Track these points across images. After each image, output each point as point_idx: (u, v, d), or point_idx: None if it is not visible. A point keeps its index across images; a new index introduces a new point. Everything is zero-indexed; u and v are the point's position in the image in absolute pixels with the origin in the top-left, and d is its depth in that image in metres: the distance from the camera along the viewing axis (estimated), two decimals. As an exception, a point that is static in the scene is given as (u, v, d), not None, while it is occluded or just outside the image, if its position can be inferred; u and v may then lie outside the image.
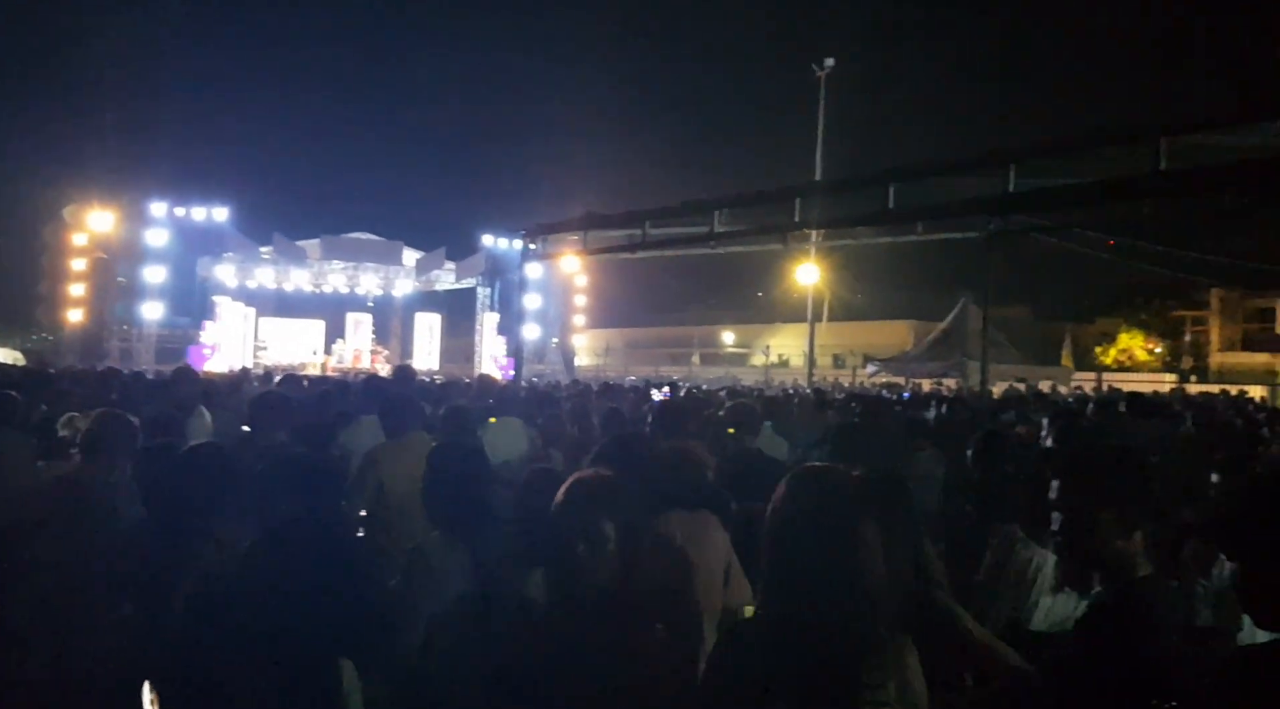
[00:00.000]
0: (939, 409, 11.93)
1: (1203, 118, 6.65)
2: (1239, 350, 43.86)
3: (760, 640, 2.26)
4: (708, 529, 3.54)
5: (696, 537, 3.46)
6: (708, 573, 3.43)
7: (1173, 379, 37.12)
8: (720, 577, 3.49)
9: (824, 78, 33.86)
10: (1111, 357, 49.54)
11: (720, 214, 10.12)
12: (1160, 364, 47.00)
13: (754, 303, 62.32)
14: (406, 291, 40.75)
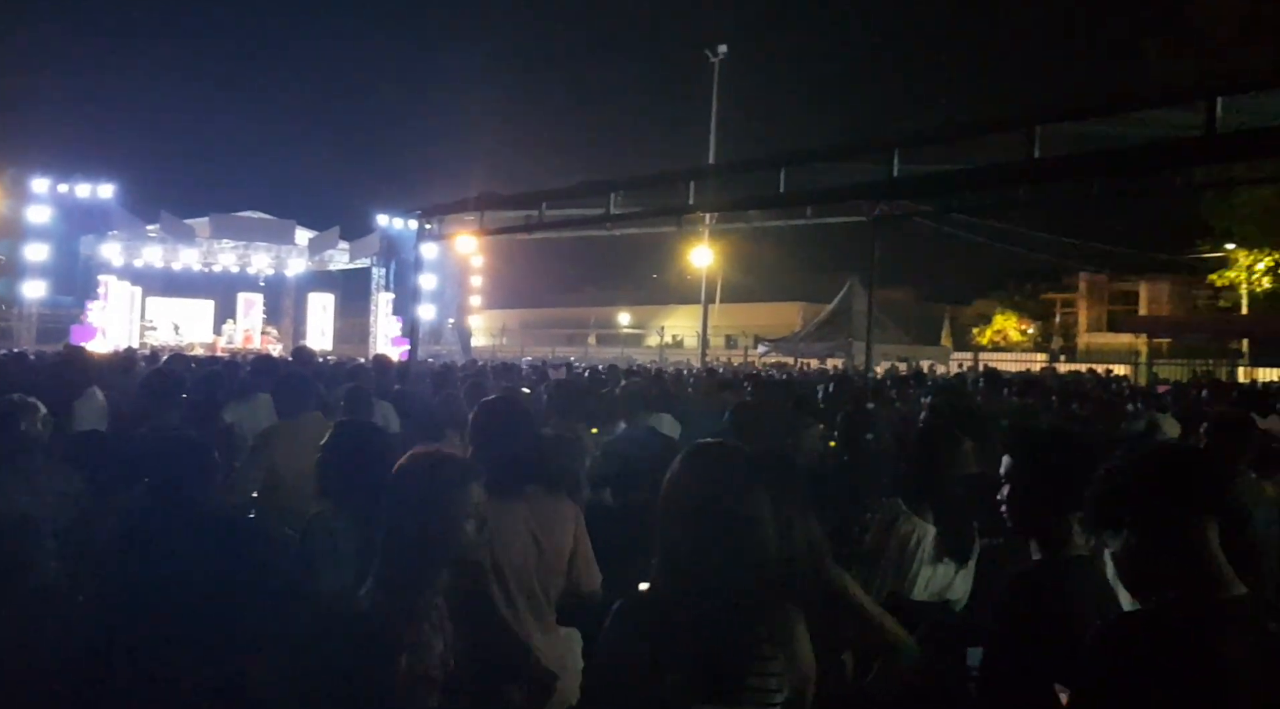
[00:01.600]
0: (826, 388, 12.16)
1: (1075, 106, 6.85)
2: (1104, 331, 45.76)
3: (653, 615, 2.26)
4: (560, 511, 3.52)
5: (547, 517, 3.43)
6: (554, 555, 3.41)
7: (1043, 358, 38.57)
8: (565, 559, 3.47)
9: (718, 64, 34.01)
10: (987, 337, 51.18)
11: (616, 196, 10.06)
12: (1032, 344, 48.74)
13: (649, 284, 62.63)
14: (299, 271, 39.65)
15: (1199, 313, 38.60)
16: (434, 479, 2.57)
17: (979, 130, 7.54)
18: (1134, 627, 1.98)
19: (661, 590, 2.31)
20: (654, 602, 2.30)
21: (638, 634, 2.24)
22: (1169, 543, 1.99)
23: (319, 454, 3.56)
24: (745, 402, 8.01)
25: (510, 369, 14.61)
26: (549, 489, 3.57)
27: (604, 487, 4.76)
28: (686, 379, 15.08)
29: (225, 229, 36.58)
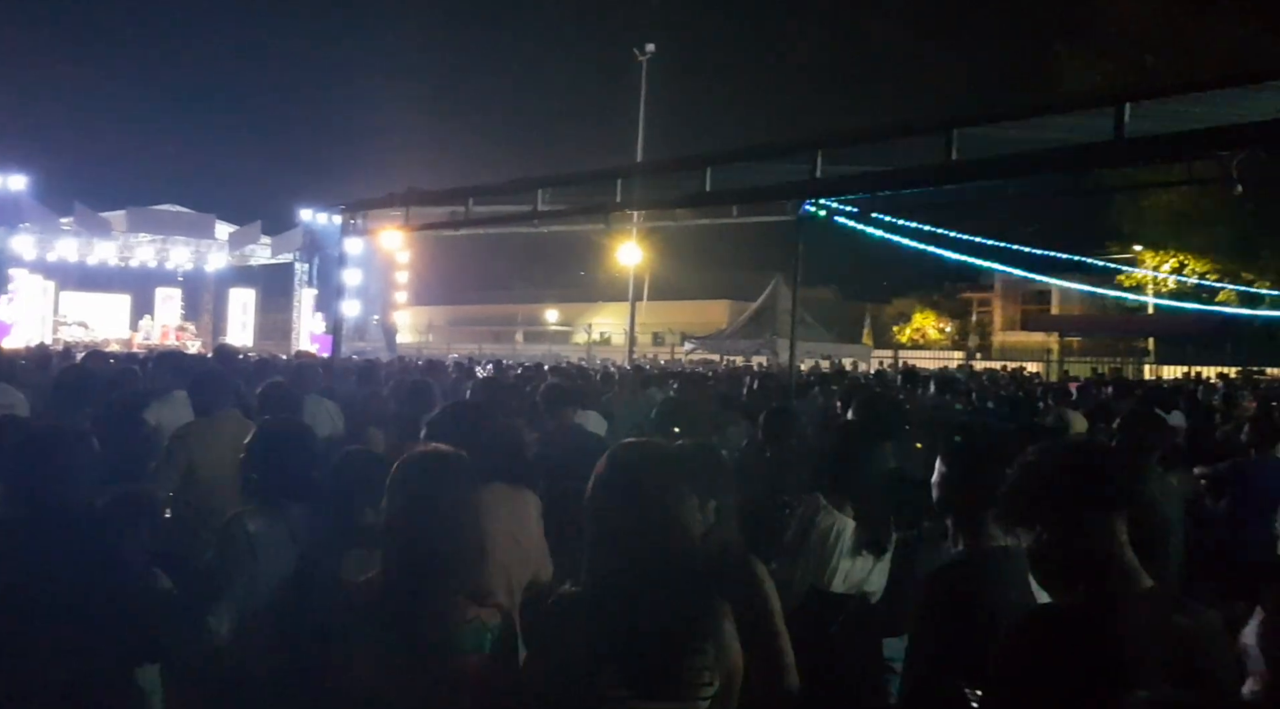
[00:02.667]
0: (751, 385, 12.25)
1: (991, 111, 6.97)
2: (1018, 330, 46.92)
3: (585, 611, 2.26)
4: (527, 505, 3.52)
5: (518, 511, 3.43)
6: (526, 548, 3.40)
7: (961, 356, 39.40)
8: (535, 551, 3.47)
9: (646, 62, 34.06)
10: (907, 335, 52.10)
11: (543, 193, 9.99)
12: (950, 342, 49.74)
13: (577, 281, 62.44)
14: (220, 266, 38.69)
15: (1108, 313, 39.76)
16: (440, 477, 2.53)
17: (899, 133, 7.62)
18: (1044, 621, 2.02)
19: (592, 587, 2.30)
20: (585, 599, 2.29)
21: (571, 632, 2.24)
22: (1080, 538, 2.03)
23: (241, 454, 3.48)
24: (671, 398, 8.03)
25: (436, 366, 14.46)
26: (515, 483, 3.55)
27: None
28: (614, 376, 15.09)
29: (142, 222, 35.55)
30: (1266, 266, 29.93)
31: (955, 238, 17.37)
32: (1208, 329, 31.08)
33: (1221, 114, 6.04)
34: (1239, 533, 6.58)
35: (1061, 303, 44.75)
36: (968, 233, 17.67)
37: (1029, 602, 2.42)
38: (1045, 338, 39.18)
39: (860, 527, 3.64)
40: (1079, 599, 1.99)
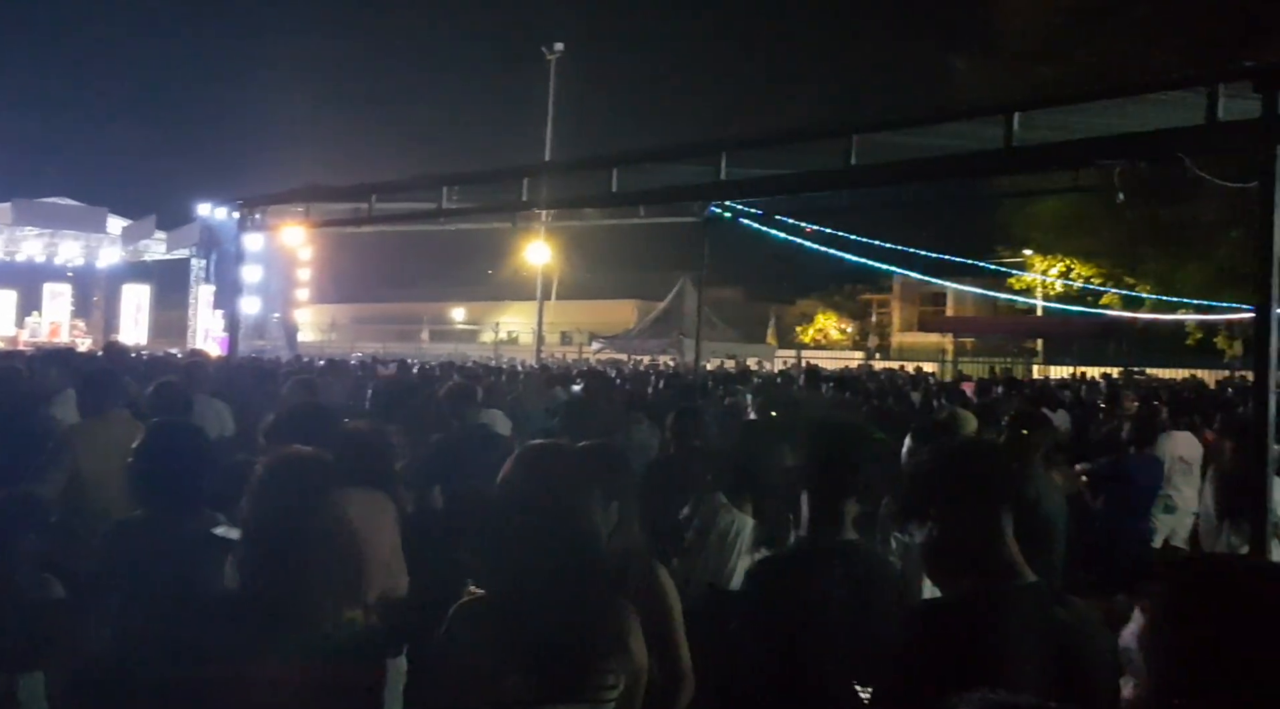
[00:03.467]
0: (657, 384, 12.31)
1: (889, 118, 7.12)
2: (915, 331, 48.10)
3: (490, 617, 2.23)
4: (382, 510, 3.43)
5: (372, 517, 3.34)
6: (375, 555, 3.33)
7: (861, 356, 40.23)
8: (387, 558, 3.40)
9: (554, 62, 33.94)
10: (810, 335, 52.96)
11: (449, 190, 9.87)
12: (851, 342, 50.73)
13: (484, 280, 61.84)
14: (112, 262, 37.26)
15: (999, 314, 41.03)
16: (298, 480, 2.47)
17: (802, 137, 7.74)
18: (932, 614, 2.07)
19: (496, 592, 2.28)
20: (490, 604, 2.27)
21: (475, 637, 2.21)
22: (968, 534, 2.09)
23: (130, 457, 3.36)
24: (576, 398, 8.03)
25: (338, 366, 14.19)
26: (367, 489, 3.47)
27: (433, 485, 4.67)
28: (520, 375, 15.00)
29: (29, 216, 33.99)
30: (1147, 271, 31.22)
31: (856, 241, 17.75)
32: (1092, 331, 32.36)
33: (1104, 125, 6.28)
34: (1118, 527, 6.86)
35: (956, 305, 46.03)
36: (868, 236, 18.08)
37: (860, 601, 2.44)
38: (941, 338, 40.28)
39: (760, 524, 3.68)
40: (965, 592, 2.04)
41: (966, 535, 2.08)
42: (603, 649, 2.23)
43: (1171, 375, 24.54)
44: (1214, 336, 30.92)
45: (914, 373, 22.57)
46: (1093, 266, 33.89)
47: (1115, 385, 16.28)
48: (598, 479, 2.55)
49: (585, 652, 2.20)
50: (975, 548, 2.07)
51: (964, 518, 2.09)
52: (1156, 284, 30.39)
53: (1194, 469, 7.55)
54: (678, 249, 21.61)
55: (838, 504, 2.61)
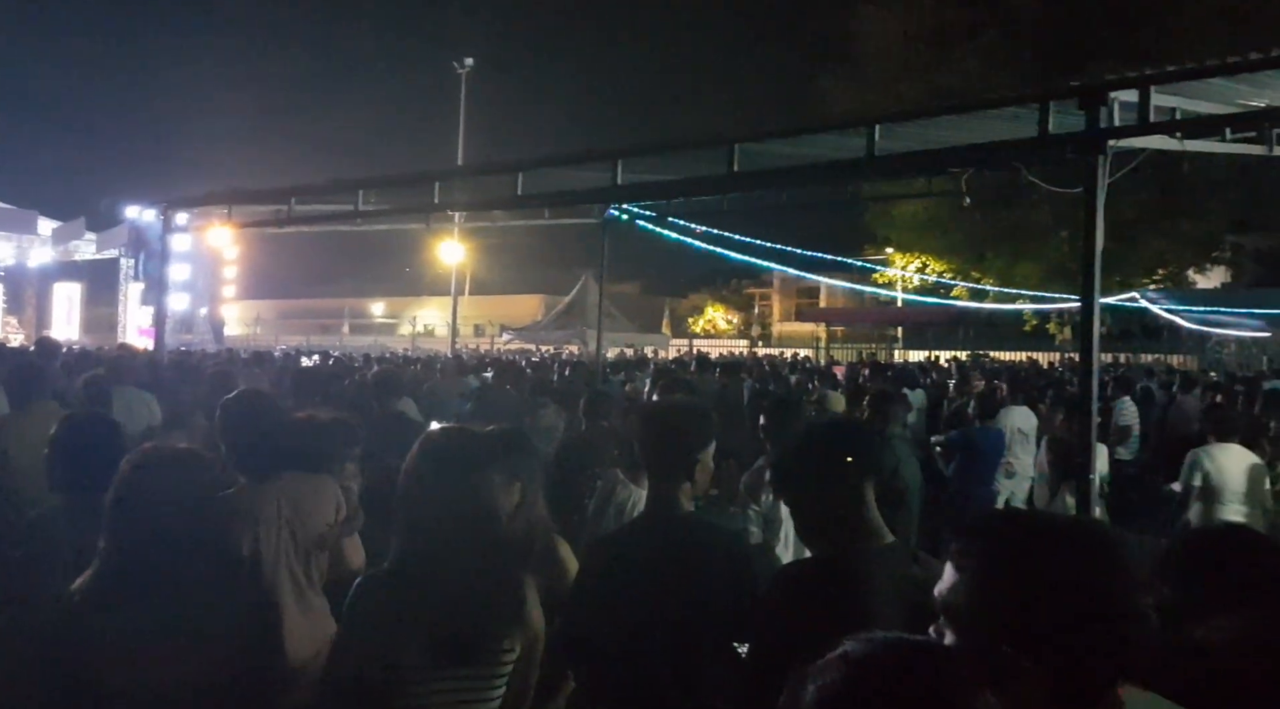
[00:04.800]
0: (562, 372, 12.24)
1: (766, 129, 7.18)
2: (793, 321, 48.93)
3: (395, 590, 2.17)
4: (321, 492, 3.32)
5: (305, 500, 3.23)
6: (312, 537, 3.22)
7: (745, 343, 40.75)
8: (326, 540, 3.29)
9: (465, 75, 33.41)
10: (700, 325, 53.40)
11: (365, 193, 9.62)
12: (736, 331, 51.33)
13: (402, 277, 60.62)
14: (43, 261, 35.35)
15: (865, 306, 42.02)
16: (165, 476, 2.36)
17: (689, 146, 7.76)
18: (801, 574, 2.10)
19: (402, 567, 2.22)
20: (395, 577, 2.21)
21: (380, 609, 2.16)
22: (835, 501, 2.11)
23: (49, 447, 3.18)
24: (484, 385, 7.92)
25: (262, 358, 13.74)
26: (309, 472, 3.34)
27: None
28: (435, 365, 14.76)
29: (-42, 217, 32.07)
30: (990, 267, 32.21)
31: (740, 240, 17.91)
32: (945, 319, 33.40)
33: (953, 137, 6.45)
34: (967, 491, 7.09)
35: (828, 297, 46.99)
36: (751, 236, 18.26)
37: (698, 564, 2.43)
38: (815, 327, 41.03)
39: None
40: (832, 552, 2.07)
41: (833, 502, 2.10)
42: (500, 618, 2.20)
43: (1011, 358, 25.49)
44: (1047, 324, 32.17)
45: (792, 358, 22.97)
46: (945, 263, 34.83)
47: (964, 367, 16.81)
48: (501, 460, 2.50)
49: (483, 621, 2.17)
50: (841, 513, 2.09)
51: (831, 487, 2.11)
52: (998, 278, 31.37)
53: (1030, 439, 7.85)
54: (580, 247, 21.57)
55: (672, 480, 2.57)
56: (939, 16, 29.79)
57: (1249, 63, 5.12)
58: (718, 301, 55.38)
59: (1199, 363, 24.73)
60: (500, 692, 2.20)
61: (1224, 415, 6.13)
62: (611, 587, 2.42)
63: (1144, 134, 4.89)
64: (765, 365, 17.78)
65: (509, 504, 2.87)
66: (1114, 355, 25.00)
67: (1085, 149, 4.63)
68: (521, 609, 2.25)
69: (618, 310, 28.19)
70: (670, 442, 2.61)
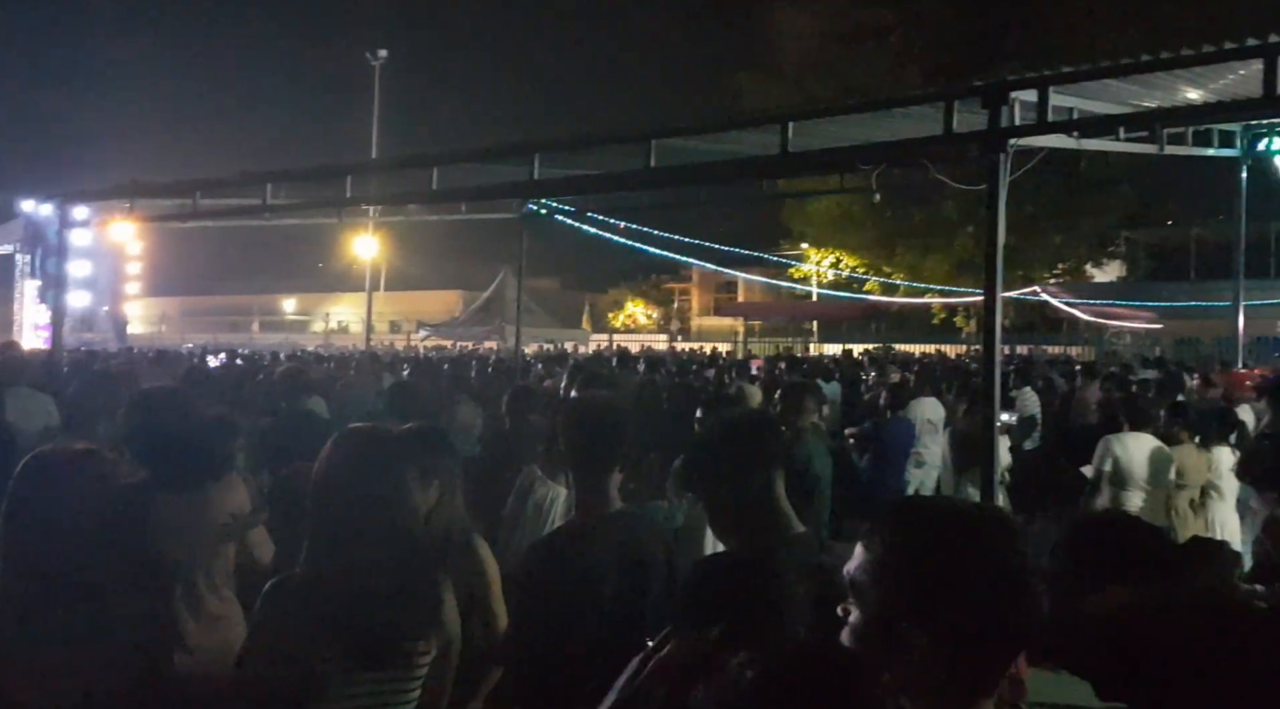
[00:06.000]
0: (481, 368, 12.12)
1: (684, 126, 7.22)
2: (712, 315, 49.37)
3: (308, 593, 2.11)
4: (225, 492, 3.24)
5: (209, 501, 3.14)
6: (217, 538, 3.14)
7: (665, 338, 40.96)
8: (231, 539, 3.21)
9: (379, 67, 32.77)
10: (620, 321, 53.47)
11: (274, 187, 9.36)
12: (656, 326, 51.55)
13: (315, 272, 59.15)
14: (-67, 258, 33.56)
15: (782, 300, 42.64)
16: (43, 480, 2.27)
17: (607, 141, 7.76)
18: (715, 566, 2.12)
19: (315, 569, 2.16)
20: (308, 580, 2.16)
21: (292, 612, 2.10)
22: (747, 493, 2.14)
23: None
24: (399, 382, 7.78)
25: (165, 356, 13.28)
26: (213, 473, 3.24)
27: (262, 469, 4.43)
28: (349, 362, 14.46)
29: None
30: (901, 262, 32.99)
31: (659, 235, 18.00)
32: (858, 313, 34.12)
33: (863, 135, 6.59)
34: (878, 480, 7.25)
35: (746, 292, 47.51)
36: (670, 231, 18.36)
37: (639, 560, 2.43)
38: (733, 322, 41.47)
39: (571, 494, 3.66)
40: (745, 544, 2.09)
41: (745, 494, 2.13)
42: (416, 620, 2.17)
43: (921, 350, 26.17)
44: (954, 317, 33.13)
45: (710, 352, 23.16)
46: (857, 258, 35.50)
47: (876, 360, 17.18)
48: (416, 459, 2.46)
49: (398, 623, 2.13)
50: (752, 506, 2.12)
51: (743, 479, 2.14)
52: (908, 273, 32.14)
53: (939, 429, 8.07)
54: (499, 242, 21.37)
55: (602, 477, 2.55)
56: (851, 17, 30.37)
57: (1140, 64, 5.35)
58: (637, 296, 55.51)
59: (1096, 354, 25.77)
60: (416, 694, 2.18)
61: (1136, 404, 6.39)
62: (556, 588, 2.40)
63: (1043, 133, 5.07)
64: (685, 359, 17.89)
65: (426, 504, 2.84)
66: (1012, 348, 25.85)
67: (988, 147, 4.78)
68: (438, 610, 2.22)
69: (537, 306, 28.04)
70: (599, 437, 2.59)
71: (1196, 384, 10.50)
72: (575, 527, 2.61)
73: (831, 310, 36.25)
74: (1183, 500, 5.87)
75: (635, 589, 2.38)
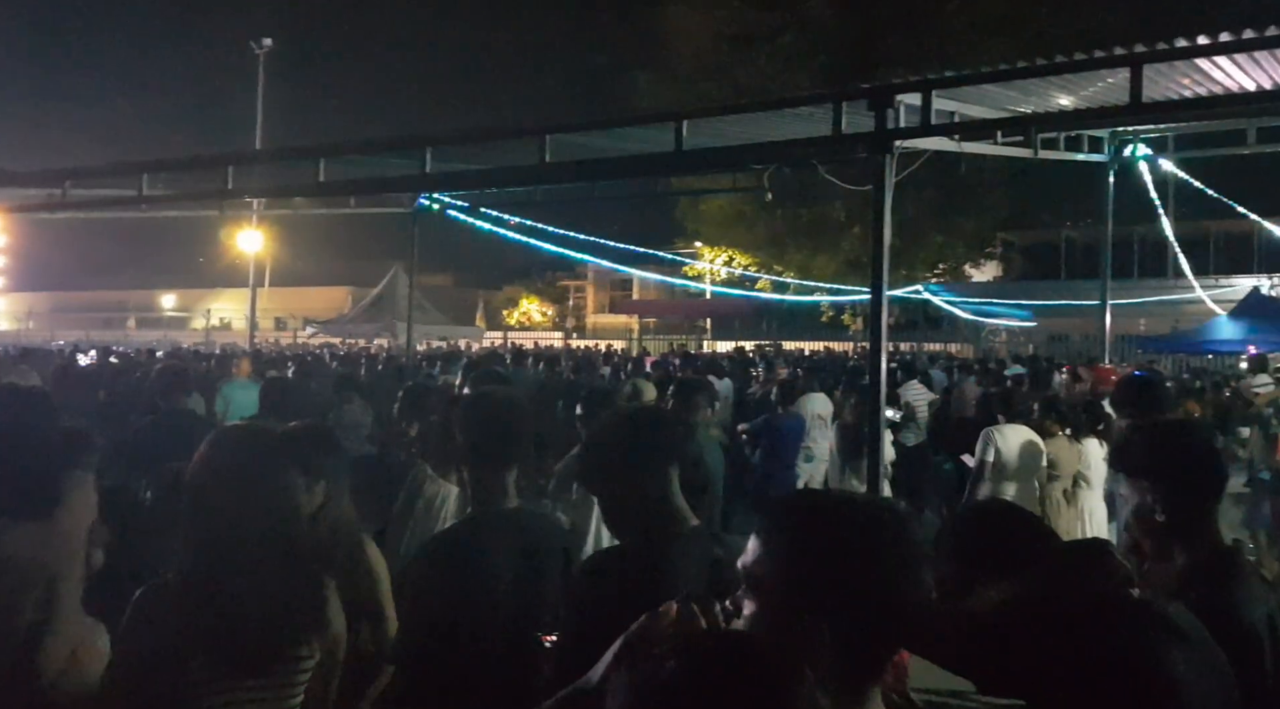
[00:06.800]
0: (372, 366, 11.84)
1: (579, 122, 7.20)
2: (607, 313, 49.49)
3: (178, 599, 2.02)
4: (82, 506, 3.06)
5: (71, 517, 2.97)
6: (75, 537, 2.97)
7: (560, 335, 40.83)
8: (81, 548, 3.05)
9: (263, 56, 31.64)
10: (515, 318, 53.06)
11: (150, 177, 8.93)
12: (551, 324, 51.36)
13: (196, 267, 56.83)
14: None
15: (676, 298, 43.04)
16: None
17: (501, 136, 7.67)
18: (608, 561, 2.11)
19: (190, 574, 2.07)
20: (180, 585, 2.06)
21: (161, 619, 2.00)
22: (640, 488, 2.13)
23: None
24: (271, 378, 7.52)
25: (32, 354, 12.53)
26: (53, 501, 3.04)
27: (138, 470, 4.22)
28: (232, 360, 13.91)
29: None
30: (791, 261, 33.67)
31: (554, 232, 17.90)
32: (750, 311, 34.73)
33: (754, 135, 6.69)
34: (770, 475, 7.39)
35: (641, 289, 47.77)
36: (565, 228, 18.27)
37: (537, 557, 2.41)
38: (628, 319, 41.68)
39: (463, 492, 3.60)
40: (640, 540, 2.09)
41: (642, 489, 2.12)
42: (297, 625, 2.10)
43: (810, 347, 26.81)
44: (842, 315, 34.03)
45: (605, 350, 23.21)
46: (750, 256, 36.07)
47: (767, 356, 17.51)
48: (299, 459, 2.38)
49: (278, 628, 2.06)
50: (647, 501, 2.12)
51: (640, 474, 2.14)
52: (799, 271, 32.82)
53: (828, 424, 8.27)
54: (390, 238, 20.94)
55: (500, 474, 2.52)
56: (743, 19, 30.82)
57: (1016, 71, 5.58)
58: (532, 294, 55.19)
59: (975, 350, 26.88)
60: (298, 699, 2.11)
61: (1013, 398, 6.67)
62: (451, 585, 2.35)
63: (926, 135, 5.24)
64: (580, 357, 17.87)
65: (311, 504, 2.75)
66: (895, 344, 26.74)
67: (873, 148, 4.91)
68: (321, 614, 2.16)
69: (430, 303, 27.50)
70: (497, 432, 2.55)
71: (1065, 379, 11.04)
72: (471, 523, 2.56)
73: (724, 308, 36.76)
74: (1056, 490, 6.17)
75: (532, 587, 2.36)
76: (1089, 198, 13.30)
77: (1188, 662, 1.24)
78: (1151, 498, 2.14)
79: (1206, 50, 5.11)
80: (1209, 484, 2.22)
